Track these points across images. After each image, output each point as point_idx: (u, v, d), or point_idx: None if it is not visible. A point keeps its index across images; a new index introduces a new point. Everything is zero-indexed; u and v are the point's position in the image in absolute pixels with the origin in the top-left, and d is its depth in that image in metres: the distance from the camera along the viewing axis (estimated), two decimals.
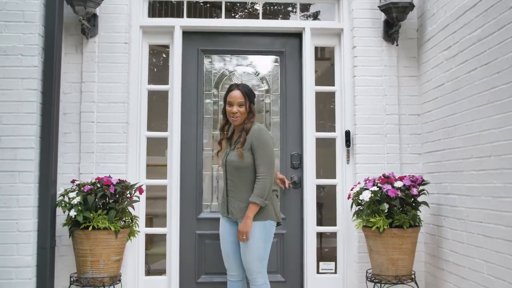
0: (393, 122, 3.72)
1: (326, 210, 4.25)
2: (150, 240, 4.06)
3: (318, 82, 4.00)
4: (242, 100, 3.05)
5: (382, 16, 3.72)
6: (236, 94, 3.07)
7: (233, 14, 4.12)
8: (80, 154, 3.54)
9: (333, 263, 3.88)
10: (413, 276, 3.32)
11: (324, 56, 4.46)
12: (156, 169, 4.02)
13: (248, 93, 3.10)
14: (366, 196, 3.23)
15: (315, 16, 4.17)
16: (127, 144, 3.62)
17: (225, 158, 3.12)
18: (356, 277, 3.63)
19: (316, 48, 4.06)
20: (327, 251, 4.06)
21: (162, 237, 3.86)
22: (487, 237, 2.79)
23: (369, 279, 3.39)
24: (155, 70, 4.17)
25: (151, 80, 3.91)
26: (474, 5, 2.93)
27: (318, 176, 3.89)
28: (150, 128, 3.86)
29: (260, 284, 3.01)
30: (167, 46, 3.96)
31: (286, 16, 4.18)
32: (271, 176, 2.97)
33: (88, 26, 3.53)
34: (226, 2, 4.00)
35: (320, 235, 4.04)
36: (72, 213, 3.04)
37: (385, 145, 3.71)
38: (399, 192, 3.18)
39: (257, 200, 2.90)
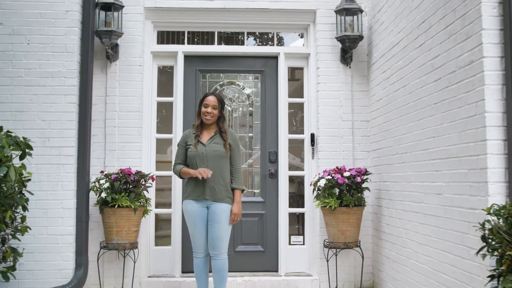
0: (348, 126, 4.78)
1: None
2: (158, 227, 5.07)
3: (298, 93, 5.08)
4: (216, 104, 3.86)
5: (339, 44, 4.77)
6: (212, 98, 3.84)
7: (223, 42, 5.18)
8: (105, 151, 4.59)
9: (302, 236, 4.95)
10: (358, 244, 4.40)
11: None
12: (163, 164, 5.07)
13: (221, 100, 3.88)
14: (322, 183, 4.31)
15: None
16: (141, 144, 4.67)
17: (205, 150, 3.75)
18: (318, 246, 4.69)
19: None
20: (297, 227, 5.11)
21: (168, 225, 4.91)
22: (405, 211, 3.87)
23: (325, 246, 4.46)
24: (162, 85, 5.17)
25: (159, 93, 4.97)
26: (398, 43, 4.00)
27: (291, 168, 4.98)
28: (159, 131, 4.92)
29: (224, 258, 3.76)
30: (172, 67, 5.01)
31: (265, 42, 5.24)
32: None
33: (112, 53, 4.59)
34: (218, 32, 5.07)
35: (301, 216, 5.06)
36: (103, 194, 4.10)
37: (341, 145, 4.77)
38: (346, 180, 4.25)
39: (243, 187, 3.91)
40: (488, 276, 2.00)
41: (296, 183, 5.24)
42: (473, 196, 2.77)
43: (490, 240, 2.01)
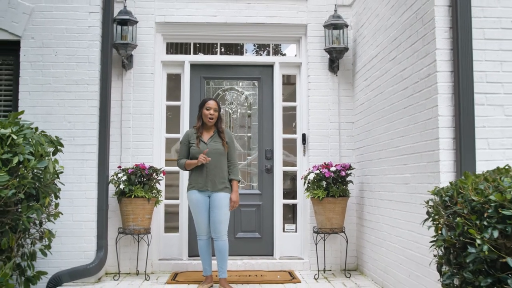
0: (335, 127, 5.42)
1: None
2: (167, 220, 5.67)
3: (290, 98, 5.72)
4: (216, 107, 4.52)
5: (327, 55, 5.40)
6: (213, 102, 4.51)
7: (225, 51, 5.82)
8: (121, 149, 5.21)
9: (294, 225, 5.59)
10: (343, 230, 5.03)
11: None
12: (167, 162, 5.70)
13: (219, 104, 4.56)
14: (311, 176, 4.94)
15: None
16: (152, 143, 5.29)
17: (206, 147, 4.35)
18: (309, 233, 5.32)
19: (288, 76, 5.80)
20: (290, 217, 5.74)
21: (175, 217, 5.54)
22: (381, 200, 4.50)
23: (314, 232, 5.09)
24: (171, 91, 5.80)
25: (168, 98, 5.60)
26: (376, 55, 4.64)
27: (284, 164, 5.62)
28: (168, 131, 5.55)
29: (225, 240, 4.38)
30: (179, 74, 5.65)
31: (262, 49, 5.88)
32: None
33: (127, 62, 5.22)
34: (220, 43, 5.71)
35: (294, 207, 5.71)
36: (121, 186, 4.73)
37: (329, 143, 5.40)
38: (332, 174, 4.88)
39: (239, 178, 4.54)
40: (430, 242, 2.63)
41: (290, 178, 5.87)
42: (430, 184, 3.40)
43: (432, 214, 2.63)
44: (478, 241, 2.05)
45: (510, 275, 1.93)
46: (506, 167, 2.40)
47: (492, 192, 2.11)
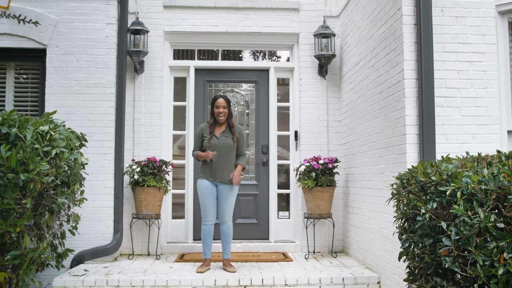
0: (324, 125, 6.10)
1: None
2: (174, 209, 6.34)
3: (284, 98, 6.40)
4: (225, 104, 4.98)
5: (317, 61, 6.07)
6: (221, 100, 4.98)
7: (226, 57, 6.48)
8: (134, 144, 5.87)
9: (288, 212, 6.27)
10: (330, 215, 5.71)
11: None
12: (176, 157, 6.36)
13: (228, 100, 5.01)
14: (302, 168, 5.61)
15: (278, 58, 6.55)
16: (161, 139, 5.95)
17: (217, 142, 4.82)
18: (300, 219, 6.00)
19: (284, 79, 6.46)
20: (284, 205, 6.42)
21: (180, 207, 6.20)
22: (362, 188, 5.18)
23: (305, 217, 5.77)
24: (178, 92, 6.46)
25: (175, 99, 6.26)
26: (358, 62, 5.31)
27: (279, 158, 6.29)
28: (175, 128, 6.21)
29: (229, 224, 4.93)
30: (185, 78, 6.31)
31: (259, 58, 6.55)
32: None
33: (139, 67, 5.87)
34: (221, 50, 6.38)
35: (287, 196, 6.39)
36: (136, 176, 5.39)
37: (318, 140, 6.08)
38: (320, 166, 5.56)
39: (245, 165, 4.99)
40: (394, 217, 3.30)
41: (284, 171, 6.54)
42: (399, 173, 4.07)
43: (395, 195, 3.30)
44: (423, 211, 2.73)
45: (444, 236, 2.60)
46: (448, 157, 3.08)
47: (434, 174, 2.78)
